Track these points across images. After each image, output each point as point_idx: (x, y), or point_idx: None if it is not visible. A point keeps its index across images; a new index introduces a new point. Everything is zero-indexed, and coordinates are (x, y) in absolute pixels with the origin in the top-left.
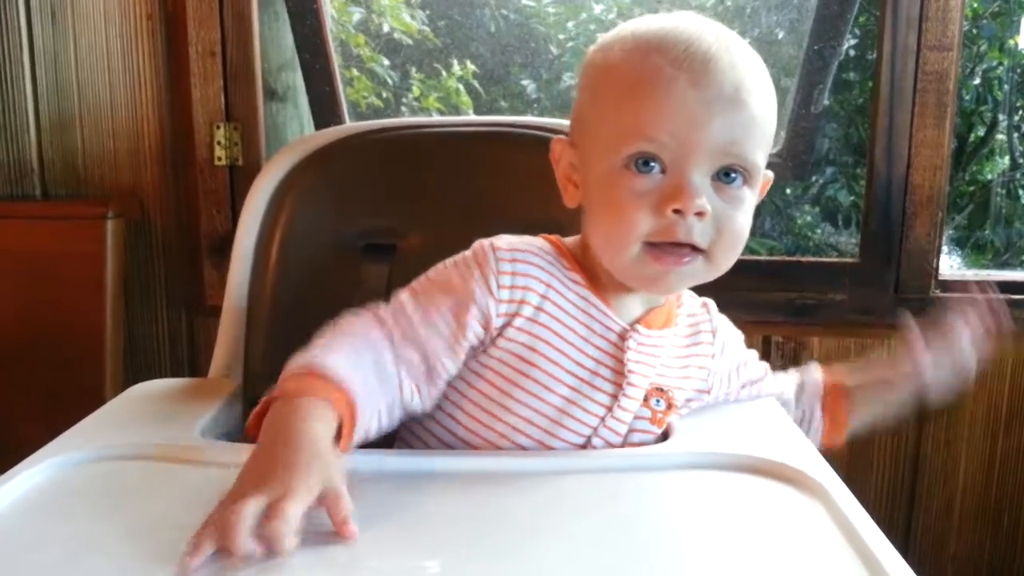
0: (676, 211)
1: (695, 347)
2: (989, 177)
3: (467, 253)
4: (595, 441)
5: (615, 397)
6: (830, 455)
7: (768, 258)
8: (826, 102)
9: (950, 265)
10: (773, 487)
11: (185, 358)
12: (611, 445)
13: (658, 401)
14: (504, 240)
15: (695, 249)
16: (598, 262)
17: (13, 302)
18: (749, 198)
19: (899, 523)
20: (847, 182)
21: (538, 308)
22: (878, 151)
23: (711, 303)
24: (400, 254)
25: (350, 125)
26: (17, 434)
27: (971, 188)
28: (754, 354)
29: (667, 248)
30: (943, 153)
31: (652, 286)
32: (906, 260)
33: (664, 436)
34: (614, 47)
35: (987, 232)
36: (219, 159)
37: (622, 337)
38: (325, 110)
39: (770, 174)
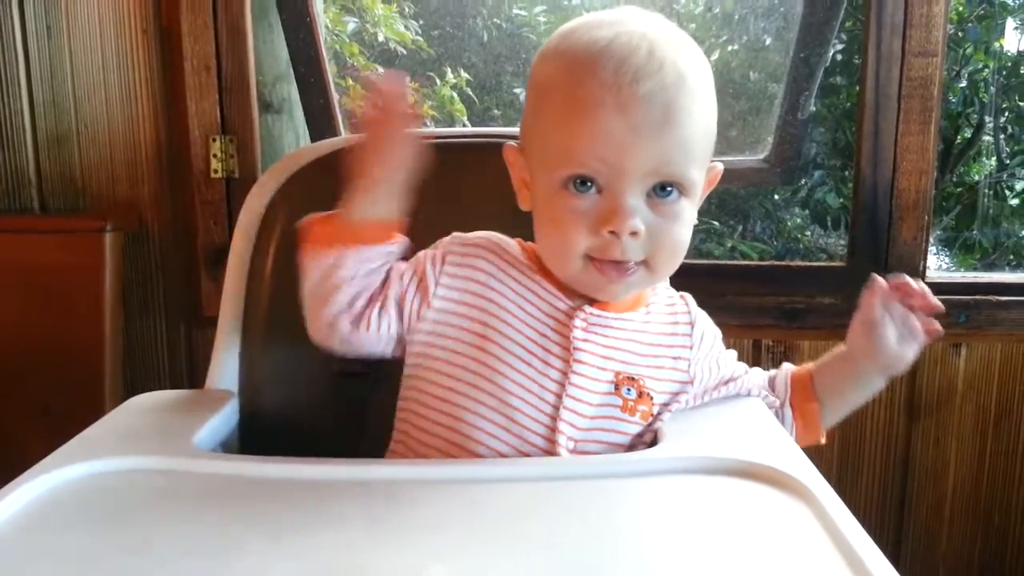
0: (611, 232)
1: (671, 337)
2: (976, 178)
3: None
4: (560, 425)
5: (565, 374)
6: (820, 456)
7: (757, 263)
8: (813, 108)
9: (938, 266)
10: (760, 490)
11: (184, 369)
12: (578, 428)
13: (629, 390)
14: (469, 233)
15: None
16: None
17: (12, 315)
18: (687, 209)
19: (890, 522)
20: (835, 185)
21: (486, 286)
22: (864, 156)
23: (689, 297)
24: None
25: (347, 137)
26: (16, 446)
27: (958, 189)
28: (733, 353)
29: (609, 262)
30: (928, 157)
31: (598, 294)
32: (894, 263)
33: (654, 440)
34: (553, 60)
35: (975, 232)
36: (215, 171)
37: (569, 316)
38: (320, 122)
39: (719, 166)
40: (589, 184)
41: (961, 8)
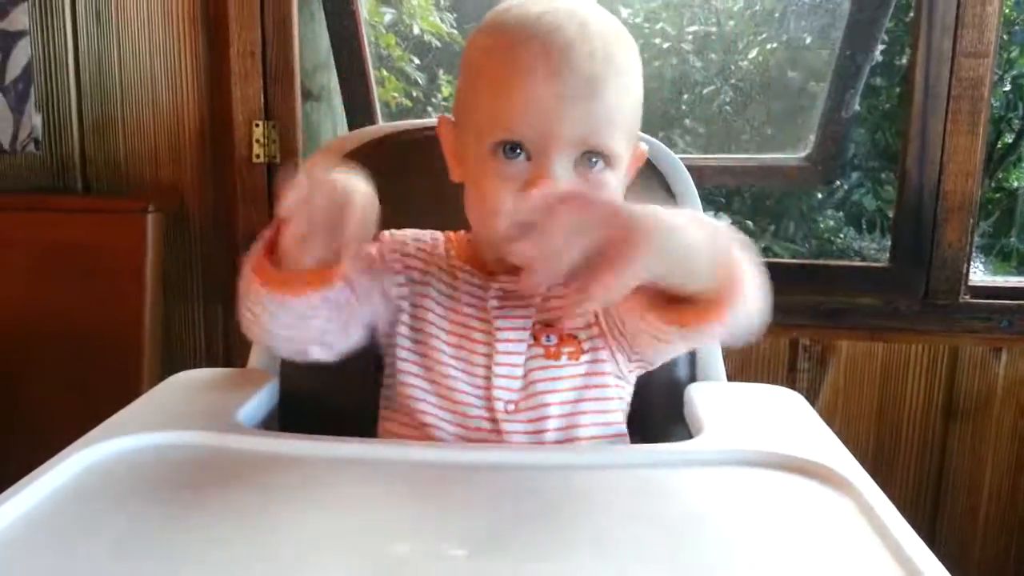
0: None
1: None
2: (1016, 184)
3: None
4: (496, 392)
5: (490, 344)
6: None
7: (798, 261)
8: (856, 108)
9: (973, 271)
10: (801, 483)
11: (220, 351)
12: (513, 391)
13: (548, 337)
14: (400, 232)
15: None
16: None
17: (54, 294)
18: (612, 180)
19: (923, 528)
20: (873, 187)
21: (420, 279)
22: (910, 157)
23: None
24: None
25: (385, 125)
26: (56, 423)
27: (998, 195)
28: None
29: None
30: (975, 159)
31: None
32: (936, 265)
33: (685, 426)
34: (486, 35)
35: (1012, 239)
36: (257, 156)
37: (484, 289)
38: (359, 110)
39: (643, 146)
40: (518, 151)
41: (1008, 10)
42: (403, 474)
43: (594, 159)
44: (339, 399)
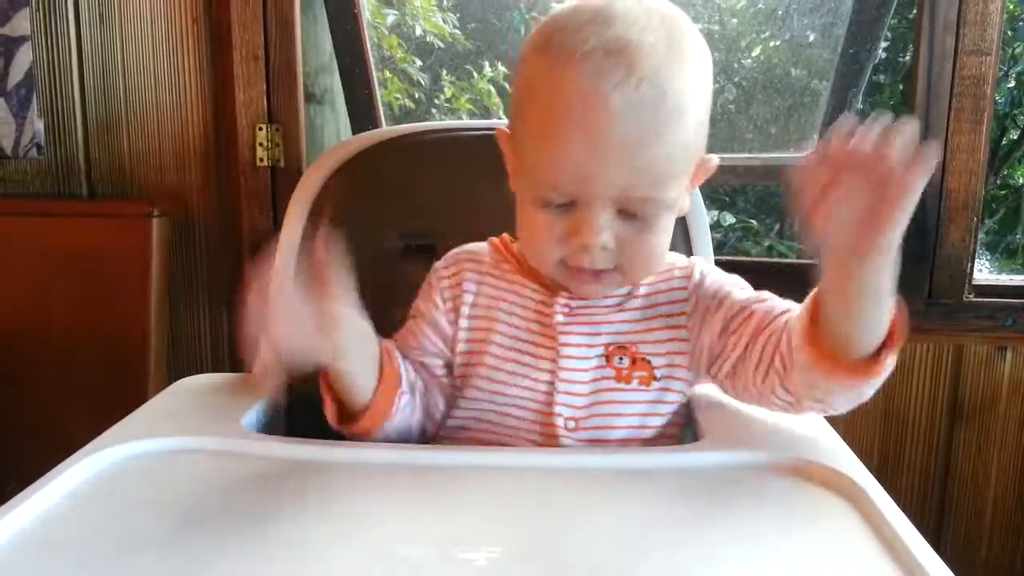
0: (581, 244)
1: (666, 306)
2: (1021, 181)
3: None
4: (558, 408)
5: (554, 360)
6: (859, 458)
7: (800, 261)
8: (859, 105)
9: (979, 269)
10: (806, 485)
11: (226, 356)
12: (576, 408)
13: (621, 359)
14: (448, 254)
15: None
16: None
17: (59, 299)
18: (662, 218)
19: (929, 531)
20: None
21: (476, 295)
22: None
23: (697, 261)
24: (439, 255)
25: (389, 129)
26: (61, 429)
27: (1003, 192)
28: (747, 289)
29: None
30: (979, 158)
31: (576, 292)
32: (940, 265)
33: (688, 417)
34: (536, 61)
35: (1019, 236)
36: (261, 160)
37: (549, 305)
38: (363, 113)
39: (713, 160)
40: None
41: (1012, 6)
42: (411, 478)
43: (643, 204)
44: None
